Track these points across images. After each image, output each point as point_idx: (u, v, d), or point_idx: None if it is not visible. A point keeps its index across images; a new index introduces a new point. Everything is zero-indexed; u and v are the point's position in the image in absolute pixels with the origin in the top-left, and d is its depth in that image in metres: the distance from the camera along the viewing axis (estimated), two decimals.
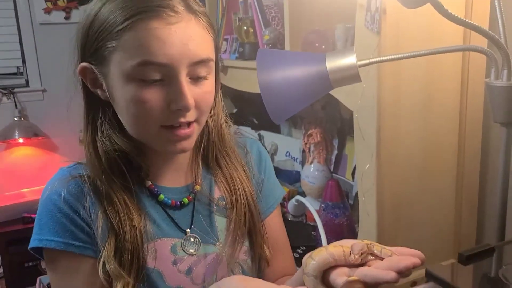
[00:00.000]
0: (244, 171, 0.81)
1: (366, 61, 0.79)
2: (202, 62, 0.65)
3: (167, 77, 0.63)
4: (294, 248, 0.94)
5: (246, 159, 0.83)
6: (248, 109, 2.07)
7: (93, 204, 0.68)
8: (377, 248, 0.54)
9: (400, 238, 1.05)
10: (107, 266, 0.66)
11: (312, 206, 1.29)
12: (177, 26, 0.62)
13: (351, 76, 0.79)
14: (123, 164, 0.70)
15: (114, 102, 0.67)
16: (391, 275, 0.49)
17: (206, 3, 1.81)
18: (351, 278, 0.50)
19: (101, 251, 0.67)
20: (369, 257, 0.53)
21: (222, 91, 0.80)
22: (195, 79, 0.66)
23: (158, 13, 0.61)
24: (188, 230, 0.74)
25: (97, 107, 0.70)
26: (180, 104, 0.63)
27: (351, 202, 1.45)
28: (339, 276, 0.52)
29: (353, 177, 1.56)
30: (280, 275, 0.84)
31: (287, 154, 1.96)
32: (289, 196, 1.60)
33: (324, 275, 0.54)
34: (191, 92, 0.64)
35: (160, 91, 0.64)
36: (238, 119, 2.20)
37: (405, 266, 0.49)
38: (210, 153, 0.78)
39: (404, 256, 0.51)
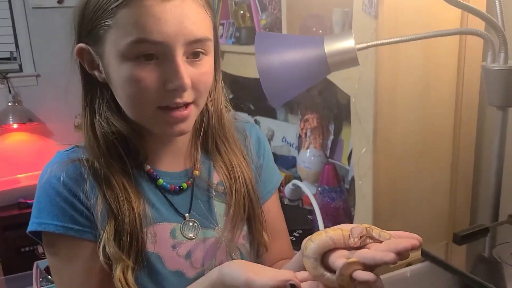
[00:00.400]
0: (244, 156, 0.80)
1: (364, 45, 0.79)
2: (199, 41, 0.64)
3: (162, 55, 0.62)
4: (290, 232, 0.95)
5: (245, 144, 0.82)
6: (245, 95, 2.07)
7: (92, 188, 0.68)
8: (376, 231, 0.54)
9: (396, 221, 1.07)
10: (107, 249, 0.66)
11: (308, 190, 1.30)
12: (173, 3, 0.61)
13: (349, 59, 0.79)
14: (121, 147, 0.69)
15: (111, 82, 0.67)
16: (390, 256, 0.49)
17: None
18: (350, 260, 0.51)
19: (101, 235, 0.67)
20: (368, 240, 0.54)
21: None
22: (192, 59, 0.64)
23: None
24: (187, 214, 0.74)
25: (95, 89, 0.69)
26: (176, 83, 0.62)
27: (347, 186, 1.46)
28: (338, 258, 0.53)
29: (349, 162, 1.57)
30: (278, 259, 0.85)
31: (283, 140, 1.96)
32: (286, 181, 1.61)
33: (323, 258, 0.55)
34: (187, 71, 0.63)
35: (155, 70, 0.62)
36: (234, 105, 2.20)
37: (403, 248, 0.49)
38: (209, 138, 0.77)
39: (402, 239, 0.51)
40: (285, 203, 1.62)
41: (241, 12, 1.60)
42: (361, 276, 0.50)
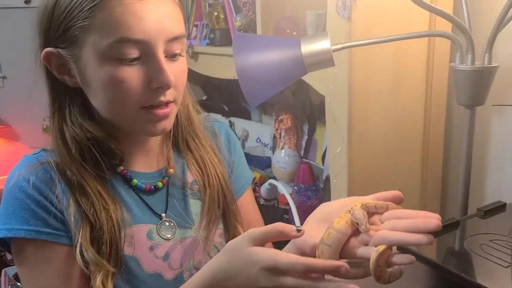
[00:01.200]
0: (215, 153, 0.81)
1: (340, 46, 0.82)
2: (177, 38, 0.64)
3: (144, 55, 0.62)
4: None
5: (215, 142, 0.83)
6: (219, 96, 2.07)
7: (63, 191, 0.66)
8: (371, 205, 0.55)
9: None
10: (85, 254, 0.65)
11: (285, 189, 1.32)
12: (150, 1, 0.61)
13: (325, 60, 0.81)
14: (96, 151, 0.67)
15: (88, 85, 0.65)
16: (424, 238, 0.48)
17: None
18: (380, 249, 0.50)
19: (77, 238, 0.65)
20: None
21: (192, 78, 0.80)
22: (171, 56, 0.65)
23: None
24: (163, 214, 0.73)
25: (64, 95, 0.67)
26: (161, 81, 0.62)
27: (321, 185, 1.49)
28: (359, 247, 0.52)
29: (323, 162, 1.60)
30: None
31: (258, 140, 1.98)
32: (261, 181, 1.63)
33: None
34: (170, 69, 0.63)
35: (138, 70, 0.62)
36: (208, 106, 2.20)
37: (435, 226, 0.48)
38: (180, 137, 0.78)
39: (425, 219, 0.50)
40: (261, 203, 1.64)
41: (215, 13, 1.61)
42: (401, 260, 0.49)
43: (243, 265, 0.54)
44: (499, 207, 0.74)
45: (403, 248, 0.66)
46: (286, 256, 0.52)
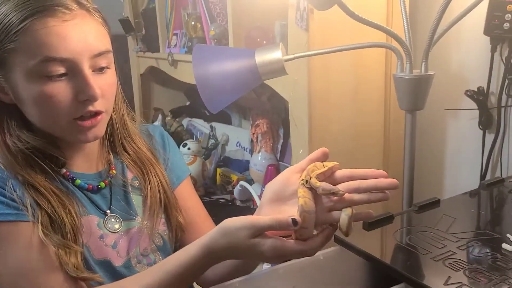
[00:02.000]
0: (152, 153, 0.88)
1: (291, 56, 0.89)
2: (102, 53, 0.70)
3: (70, 71, 0.68)
4: None
5: (151, 143, 0.90)
6: (200, 102, 2.13)
7: (17, 186, 0.71)
8: (320, 166, 0.66)
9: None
10: (49, 238, 0.69)
11: (255, 191, 1.38)
12: (73, 22, 0.67)
13: (277, 69, 0.88)
14: (39, 158, 0.73)
15: (21, 102, 0.71)
16: (384, 195, 0.62)
17: None
18: (347, 211, 0.61)
19: (36, 222, 0.70)
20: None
21: (173, 85, 0.86)
22: (97, 71, 0.71)
23: (53, 11, 0.66)
24: (108, 211, 0.80)
25: (2, 111, 0.73)
26: (88, 94, 0.68)
27: None
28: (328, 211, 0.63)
29: None
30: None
31: (238, 144, 2.04)
32: (237, 183, 1.69)
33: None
34: (96, 83, 0.69)
35: (65, 85, 0.67)
36: (190, 112, 2.27)
37: (389, 184, 0.62)
38: (116, 141, 0.84)
39: (379, 178, 0.64)
40: (238, 204, 1.70)
41: (192, 23, 1.68)
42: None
43: (249, 252, 0.62)
44: (434, 203, 0.81)
45: (339, 240, 0.73)
46: (289, 244, 0.61)
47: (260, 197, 1.38)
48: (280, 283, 0.69)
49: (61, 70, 0.67)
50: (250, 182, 1.73)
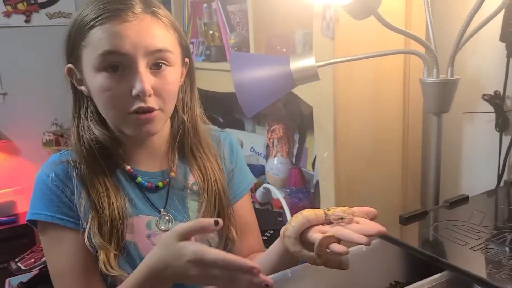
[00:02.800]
0: (217, 162, 0.91)
1: (324, 63, 0.94)
2: (159, 51, 0.75)
3: (127, 66, 0.74)
4: (262, 232, 1.06)
5: (219, 150, 0.93)
6: (214, 108, 2.19)
7: (77, 186, 0.79)
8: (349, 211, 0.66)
9: None
10: (92, 240, 0.77)
11: (278, 192, 1.43)
12: (133, 23, 0.73)
13: (311, 75, 0.93)
14: (99, 151, 0.80)
15: (91, 94, 0.79)
16: (364, 239, 0.60)
17: (172, 9, 1.92)
18: (328, 234, 0.61)
19: (84, 226, 0.78)
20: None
21: None
22: (155, 69, 0.76)
23: (117, 13, 0.73)
24: (162, 210, 0.84)
25: (83, 102, 0.82)
26: (138, 89, 0.73)
27: (312, 190, 1.60)
28: (315, 233, 0.64)
29: (313, 168, 1.72)
30: (249, 253, 0.95)
31: (252, 150, 2.09)
32: (256, 187, 1.73)
33: (301, 237, 0.66)
34: (148, 79, 0.74)
35: (122, 79, 0.74)
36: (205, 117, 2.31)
37: (375, 233, 0.61)
38: (185, 145, 0.88)
39: (373, 225, 0.63)
40: (257, 207, 1.74)
41: (211, 32, 1.74)
42: (337, 249, 0.60)
43: (173, 258, 0.64)
44: (463, 199, 0.86)
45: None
46: (210, 252, 0.61)
47: (284, 198, 1.42)
48: (326, 275, 0.73)
49: (118, 64, 0.73)
50: None
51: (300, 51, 1.37)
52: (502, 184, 1.18)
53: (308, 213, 0.66)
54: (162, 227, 0.84)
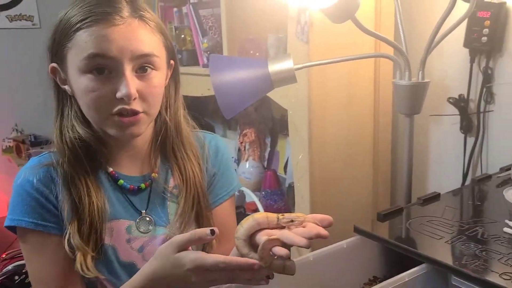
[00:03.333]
0: (198, 163, 0.89)
1: (301, 65, 0.96)
2: (145, 56, 0.75)
3: (114, 69, 0.73)
4: None
5: (203, 153, 0.92)
6: (191, 112, 2.18)
7: (60, 189, 0.78)
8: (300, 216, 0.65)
9: (330, 213, 1.24)
10: (71, 241, 0.76)
11: (254, 195, 1.44)
12: (121, 27, 0.73)
13: (288, 77, 0.95)
14: (83, 151, 0.79)
15: (74, 94, 0.78)
16: (304, 241, 0.60)
17: None
18: (271, 237, 0.62)
19: (67, 229, 0.77)
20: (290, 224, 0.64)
21: None
22: (141, 73, 0.76)
23: (105, 16, 0.73)
24: (143, 211, 0.84)
25: (66, 101, 0.81)
26: (123, 92, 0.73)
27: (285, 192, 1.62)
28: (262, 236, 0.64)
29: (285, 171, 1.74)
30: None
31: None
32: None
33: (252, 239, 0.65)
34: (134, 83, 0.74)
35: (107, 81, 0.74)
36: None
37: (314, 235, 0.61)
38: (167, 146, 0.87)
39: (314, 227, 0.62)
40: None
41: (182, 36, 1.73)
42: (279, 251, 0.61)
43: (172, 267, 0.65)
44: (435, 197, 0.90)
45: (359, 230, 0.80)
46: (209, 257, 0.63)
47: (259, 200, 1.44)
48: (310, 270, 0.75)
49: (104, 67, 0.73)
50: None
51: (273, 55, 1.40)
52: (467, 182, 1.24)
53: (259, 216, 0.65)
54: (142, 229, 0.83)
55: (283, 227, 0.64)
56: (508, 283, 0.61)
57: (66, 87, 0.79)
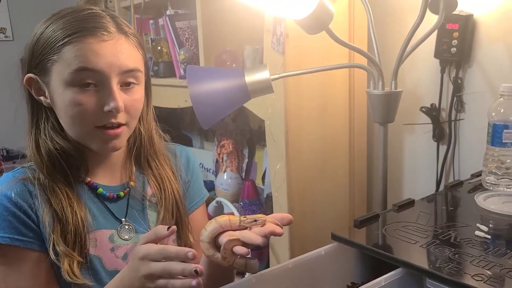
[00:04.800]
0: (173, 172, 0.93)
1: (277, 76, 0.98)
2: (131, 71, 0.78)
3: (100, 83, 0.75)
4: None
5: (175, 162, 0.95)
6: (162, 124, 2.17)
7: (39, 203, 0.77)
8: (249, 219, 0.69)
9: (307, 221, 1.25)
10: (57, 248, 0.76)
11: (232, 205, 1.44)
12: (109, 42, 0.75)
13: (265, 87, 0.97)
14: (64, 162, 0.79)
15: (55, 106, 0.78)
16: (259, 239, 0.65)
17: None
18: (232, 237, 0.66)
19: (50, 237, 0.76)
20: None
21: None
22: (125, 87, 0.78)
23: (94, 32, 0.75)
24: (123, 219, 0.85)
25: (41, 112, 0.81)
26: (111, 106, 0.75)
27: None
28: (224, 237, 0.68)
29: (263, 182, 1.75)
30: None
31: (201, 166, 2.09)
32: (207, 201, 1.73)
33: (216, 241, 0.69)
34: (121, 97, 0.76)
35: (94, 95, 0.75)
36: None
37: (268, 232, 0.66)
38: (142, 156, 0.90)
39: (269, 226, 0.67)
40: None
41: (159, 47, 1.74)
42: (239, 250, 0.65)
43: (131, 260, 0.69)
44: (409, 203, 0.92)
45: (337, 237, 0.81)
46: (157, 245, 0.66)
47: (238, 210, 1.43)
48: (288, 277, 0.75)
49: (92, 81, 0.74)
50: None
51: (249, 66, 1.41)
52: (440, 188, 1.27)
53: (221, 219, 0.69)
54: (126, 237, 0.84)
55: (245, 228, 0.68)
56: (480, 284, 0.62)
57: (42, 98, 0.79)
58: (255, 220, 0.68)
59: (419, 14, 0.92)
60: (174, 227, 0.66)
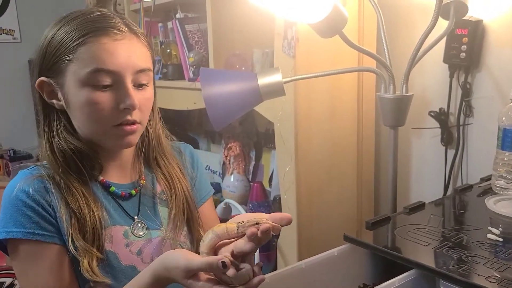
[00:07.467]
0: (180, 169, 0.95)
1: (289, 79, 0.99)
2: (143, 71, 0.79)
3: (115, 83, 0.77)
4: None
5: (181, 160, 0.97)
6: (169, 127, 2.18)
7: (56, 199, 0.78)
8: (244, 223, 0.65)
9: (315, 223, 1.26)
10: (76, 243, 0.77)
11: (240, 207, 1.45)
12: (122, 42, 0.77)
13: (277, 90, 0.98)
14: (74, 162, 0.81)
15: (70, 107, 0.79)
16: (248, 246, 0.63)
17: None
18: (225, 259, 0.62)
19: (69, 232, 0.77)
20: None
21: None
22: (138, 86, 0.79)
23: (107, 31, 0.76)
24: (136, 217, 0.86)
25: (53, 115, 0.82)
26: (127, 103, 0.77)
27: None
28: (223, 253, 0.66)
29: (269, 184, 1.75)
30: None
31: (207, 168, 2.10)
32: (215, 203, 1.74)
33: (216, 250, 0.67)
34: (135, 95, 0.78)
35: (110, 95, 0.77)
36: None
37: (250, 234, 0.63)
38: (150, 155, 0.91)
39: (264, 225, 0.63)
40: None
41: (168, 50, 1.75)
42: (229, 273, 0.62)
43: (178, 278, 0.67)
44: (420, 206, 0.93)
45: (349, 238, 0.82)
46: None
47: (247, 211, 1.44)
48: (302, 278, 0.76)
49: (107, 81, 0.76)
50: None
51: (258, 69, 1.42)
52: (448, 192, 1.28)
53: (218, 229, 0.67)
54: (137, 233, 0.85)
55: (243, 235, 0.65)
56: (494, 285, 0.63)
57: (54, 101, 0.81)
58: (257, 223, 0.64)
59: (432, 19, 0.93)
60: (228, 263, 0.63)
